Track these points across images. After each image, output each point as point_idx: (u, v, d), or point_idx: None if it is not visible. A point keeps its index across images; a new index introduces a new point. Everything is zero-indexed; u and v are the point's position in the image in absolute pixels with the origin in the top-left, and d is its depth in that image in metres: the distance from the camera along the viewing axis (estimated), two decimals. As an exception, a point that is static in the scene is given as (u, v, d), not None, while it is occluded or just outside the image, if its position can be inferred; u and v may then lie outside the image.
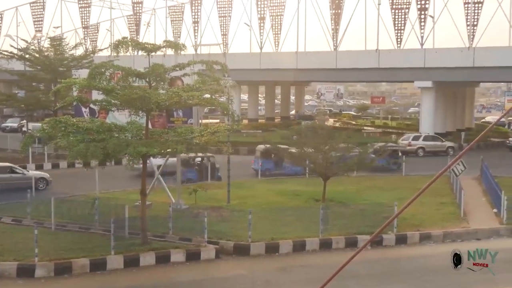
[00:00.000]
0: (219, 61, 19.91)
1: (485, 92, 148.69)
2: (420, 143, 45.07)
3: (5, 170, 28.83)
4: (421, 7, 51.55)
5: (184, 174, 28.57)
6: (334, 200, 25.48)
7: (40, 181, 29.08)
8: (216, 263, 18.62)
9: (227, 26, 61.74)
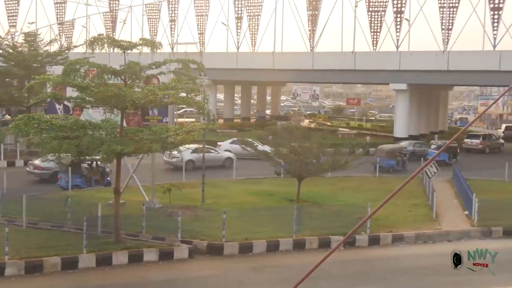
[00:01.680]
0: (195, 60, 19.87)
1: (459, 95, 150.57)
2: None
3: None
4: (397, 10, 52.01)
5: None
6: (308, 201, 25.57)
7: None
8: (189, 262, 18.56)
9: (204, 25, 61.56)
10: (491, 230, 22.69)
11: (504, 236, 22.66)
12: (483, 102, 71.28)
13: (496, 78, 47.09)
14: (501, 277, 17.55)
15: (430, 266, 18.76)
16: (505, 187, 30.96)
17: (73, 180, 27.41)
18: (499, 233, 22.71)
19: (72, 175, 27.32)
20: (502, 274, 17.99)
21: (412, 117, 51.71)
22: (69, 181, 26.94)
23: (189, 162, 34.41)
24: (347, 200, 26.20)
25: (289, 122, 54.50)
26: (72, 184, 27.24)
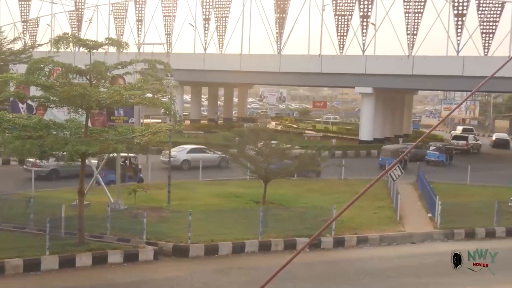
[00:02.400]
0: (162, 61, 19.76)
1: (423, 99, 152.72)
2: None
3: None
4: (363, 14, 52.54)
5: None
6: (274, 203, 25.64)
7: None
8: (155, 264, 18.43)
9: (171, 25, 61.26)
10: (453, 232, 23.08)
11: (466, 238, 23.08)
12: (446, 106, 72.35)
13: (460, 83, 47.94)
14: (462, 279, 17.86)
15: (394, 267, 18.99)
16: (467, 190, 31.52)
17: (108, 175, 28.30)
18: (461, 235, 23.13)
19: (108, 171, 28.27)
20: (463, 276, 18.30)
21: (377, 121, 52.30)
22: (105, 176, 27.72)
23: (185, 162, 35.32)
24: (313, 202, 26.33)
25: (256, 124, 54.57)
26: (108, 180, 27.84)
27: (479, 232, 23.42)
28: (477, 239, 23.13)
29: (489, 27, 53.31)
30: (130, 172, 30.00)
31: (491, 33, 53.19)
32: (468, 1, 50.09)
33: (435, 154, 43.22)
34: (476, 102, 79.36)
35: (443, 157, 42.80)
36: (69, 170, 28.23)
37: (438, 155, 42.94)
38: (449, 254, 21.02)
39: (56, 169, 29.87)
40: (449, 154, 43.61)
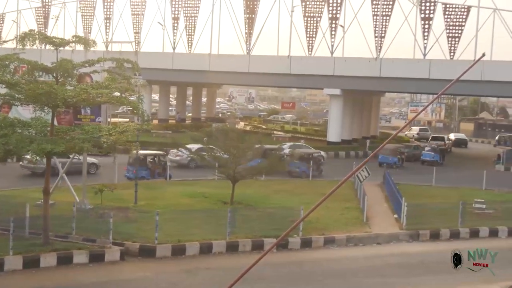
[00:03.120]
0: (130, 60, 19.63)
1: (390, 101, 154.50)
2: None
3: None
4: (332, 16, 52.87)
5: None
6: (242, 203, 25.63)
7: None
8: (121, 265, 18.27)
9: (140, 24, 60.78)
10: (418, 233, 23.39)
11: (431, 239, 23.42)
12: (413, 108, 73.35)
13: (426, 85, 48.61)
14: (427, 279, 18.14)
15: (360, 268, 19.16)
16: (432, 192, 31.96)
17: (139, 172, 29.13)
18: (427, 236, 23.45)
19: (139, 167, 29.10)
20: (428, 276, 18.61)
21: (345, 122, 52.67)
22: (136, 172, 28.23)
23: (192, 161, 35.08)
24: (280, 202, 26.39)
25: (224, 124, 54.50)
26: (139, 176, 28.50)
27: (443, 233, 23.78)
28: (441, 240, 23.51)
29: (455, 31, 54.17)
30: (159, 169, 32.10)
31: (457, 37, 54.05)
32: (435, 5, 50.83)
33: (430, 154, 45.88)
34: (442, 104, 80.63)
35: (437, 157, 45.33)
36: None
37: (434, 155, 45.49)
38: (414, 254, 21.51)
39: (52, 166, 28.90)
40: (442, 154, 46.52)
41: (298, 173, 35.15)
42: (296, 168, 34.99)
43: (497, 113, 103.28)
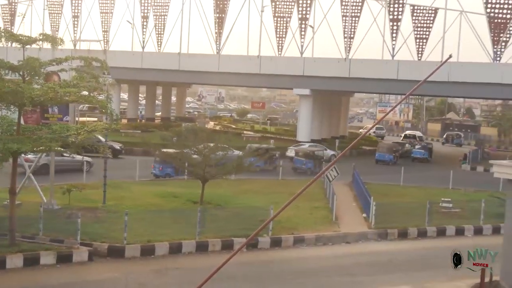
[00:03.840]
0: (98, 58, 19.43)
1: (359, 102, 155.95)
2: None
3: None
4: (302, 16, 53.14)
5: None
6: (212, 203, 25.58)
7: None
8: (89, 265, 18.07)
9: (108, 22, 60.29)
10: (387, 232, 23.64)
11: (399, 238, 23.69)
12: (381, 109, 74.16)
13: (394, 86, 49.15)
14: (396, 277, 18.33)
15: (329, 267, 19.28)
16: (400, 191, 32.33)
17: (165, 169, 31.81)
18: (395, 235, 23.72)
19: (165, 165, 31.55)
20: (397, 274, 18.83)
21: (314, 122, 52.95)
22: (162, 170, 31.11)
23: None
24: (250, 202, 26.42)
25: (194, 124, 54.34)
26: (164, 173, 31.69)
27: (411, 231, 24.08)
28: (409, 239, 23.81)
29: (422, 32, 54.97)
30: None
31: (425, 38, 54.85)
32: (403, 7, 51.46)
33: (421, 152, 49.89)
34: (410, 105, 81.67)
35: (426, 154, 49.61)
36: (60, 165, 29.55)
37: (424, 153, 49.62)
38: (383, 253, 21.73)
39: (46, 164, 29.12)
40: (430, 152, 50.52)
41: (304, 169, 37.87)
42: (302, 165, 38.25)
43: (464, 114, 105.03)
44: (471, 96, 74.81)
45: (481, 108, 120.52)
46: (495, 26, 47.90)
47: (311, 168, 37.60)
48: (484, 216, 25.73)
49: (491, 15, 47.82)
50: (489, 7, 47.77)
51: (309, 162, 38.36)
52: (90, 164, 33.26)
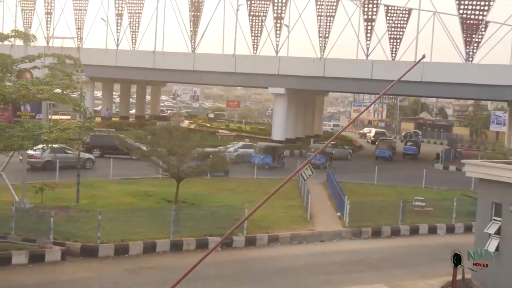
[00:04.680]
0: (72, 56, 19.28)
1: (334, 101, 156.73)
2: None
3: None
4: (277, 16, 53.21)
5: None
6: (187, 202, 25.51)
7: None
8: (62, 265, 17.89)
9: (82, 19, 59.72)
10: (361, 230, 23.81)
11: (373, 236, 23.89)
12: (356, 108, 74.42)
13: (368, 86, 49.48)
14: (370, 275, 18.47)
15: (304, 265, 19.35)
16: (374, 190, 32.60)
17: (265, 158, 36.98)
18: (368, 233, 23.90)
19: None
20: (371, 272, 18.97)
21: (289, 121, 53.07)
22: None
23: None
24: (225, 201, 26.40)
25: (168, 123, 54.08)
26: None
27: (385, 230, 24.29)
28: (383, 237, 24.02)
29: (396, 32, 55.44)
30: None
31: (399, 38, 55.31)
32: (377, 7, 51.81)
33: (412, 149, 53.86)
34: (384, 104, 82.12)
35: (417, 150, 53.92)
36: (64, 162, 31.33)
37: (415, 149, 53.76)
38: (357, 252, 21.84)
39: (50, 160, 31.69)
40: (419, 147, 55.14)
41: (318, 164, 39.06)
42: (316, 160, 39.41)
43: (436, 113, 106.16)
44: (444, 96, 75.73)
45: (454, 108, 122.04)
46: (467, 27, 48.50)
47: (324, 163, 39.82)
48: (456, 215, 26.07)
49: (464, 16, 48.40)
50: (461, 8, 48.35)
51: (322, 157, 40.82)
52: (92, 161, 34.69)
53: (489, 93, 48.38)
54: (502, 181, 15.79)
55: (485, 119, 75.68)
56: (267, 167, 38.60)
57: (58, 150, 31.64)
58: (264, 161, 39.21)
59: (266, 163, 39.19)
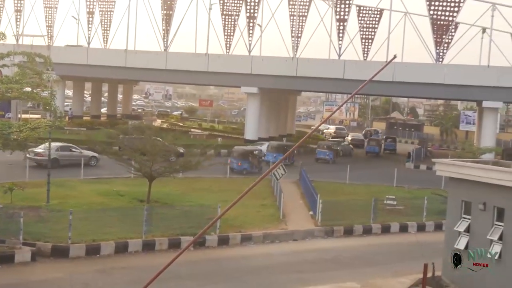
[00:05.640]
0: (42, 54, 19.04)
1: (306, 100, 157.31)
2: None
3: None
4: (250, 15, 53.23)
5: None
6: (159, 201, 25.37)
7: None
8: (32, 266, 17.66)
9: (52, 17, 59.01)
10: (333, 229, 23.95)
11: (345, 235, 24.05)
12: (328, 108, 74.94)
13: (341, 85, 49.81)
14: (342, 274, 18.59)
15: (276, 264, 19.41)
16: (346, 189, 32.82)
17: (243, 164, 36.53)
18: (340, 232, 24.05)
19: (243, 160, 36.56)
20: (343, 270, 19.10)
21: (262, 120, 53.15)
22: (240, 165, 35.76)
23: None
24: (198, 200, 26.32)
25: (140, 122, 53.75)
26: (242, 168, 36.40)
27: (357, 229, 24.47)
28: (355, 236, 24.20)
29: (368, 32, 55.96)
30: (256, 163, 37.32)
31: (370, 38, 55.85)
32: (349, 7, 52.15)
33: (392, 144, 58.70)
34: (356, 104, 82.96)
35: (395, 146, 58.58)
36: (69, 159, 33.31)
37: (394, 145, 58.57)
38: (329, 250, 21.94)
39: (56, 158, 32.45)
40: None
41: (327, 160, 44.79)
42: (326, 156, 45.14)
43: (408, 113, 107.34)
44: (415, 96, 76.62)
45: (424, 107, 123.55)
46: (438, 28, 49.09)
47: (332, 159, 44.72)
48: (427, 213, 26.39)
49: (434, 17, 48.97)
50: (432, 9, 48.92)
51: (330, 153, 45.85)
52: (96, 159, 34.97)
53: (459, 93, 49.11)
54: (472, 180, 16.03)
55: (455, 118, 76.82)
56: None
57: (63, 148, 33.96)
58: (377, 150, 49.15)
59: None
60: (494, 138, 49.42)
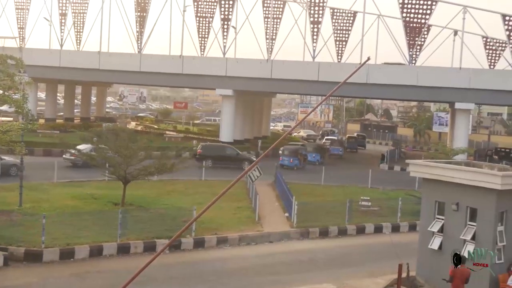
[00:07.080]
0: (14, 56, 18.80)
1: (281, 102, 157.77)
2: None
3: None
4: (224, 17, 53.19)
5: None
6: (134, 204, 25.21)
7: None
8: (4, 270, 17.40)
9: (24, 19, 58.28)
10: (308, 231, 24.03)
11: (320, 236, 24.14)
12: (302, 109, 75.12)
13: (315, 87, 50.00)
14: (317, 275, 18.66)
15: (251, 266, 19.41)
16: (321, 190, 32.95)
17: (294, 160, 42.01)
18: (316, 233, 24.14)
19: (294, 157, 42.18)
20: (318, 272, 19.16)
21: (237, 122, 53.14)
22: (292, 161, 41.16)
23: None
24: (173, 203, 26.23)
25: (115, 124, 53.36)
26: (293, 164, 41.82)
27: (332, 230, 24.59)
28: (330, 237, 24.31)
29: (342, 35, 56.31)
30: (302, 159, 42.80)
31: (344, 41, 56.21)
32: (323, 10, 52.40)
33: (338, 149, 54.98)
34: (330, 106, 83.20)
35: (342, 150, 55.63)
36: None
37: (341, 149, 55.33)
38: (305, 252, 22.01)
39: None
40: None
41: (339, 155, 50.95)
42: (339, 151, 51.52)
43: (381, 115, 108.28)
44: (388, 98, 77.32)
45: (398, 109, 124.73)
46: (410, 30, 49.59)
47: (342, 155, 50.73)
48: (401, 214, 26.62)
49: (407, 20, 49.46)
50: (405, 11, 49.39)
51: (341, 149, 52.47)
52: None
53: (432, 94, 49.66)
54: (445, 181, 16.22)
55: (428, 120, 77.67)
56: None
57: None
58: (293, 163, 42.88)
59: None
60: (466, 139, 50.02)
